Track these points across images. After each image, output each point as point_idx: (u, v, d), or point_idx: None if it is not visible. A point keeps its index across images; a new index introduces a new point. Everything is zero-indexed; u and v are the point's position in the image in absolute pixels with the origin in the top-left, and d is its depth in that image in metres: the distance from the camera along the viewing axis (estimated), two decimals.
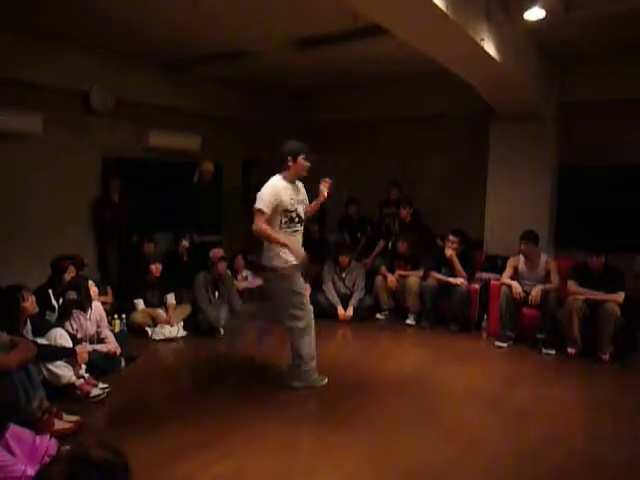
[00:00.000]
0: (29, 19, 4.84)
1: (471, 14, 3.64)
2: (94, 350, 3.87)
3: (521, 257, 5.14)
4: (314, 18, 4.61)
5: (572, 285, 4.76)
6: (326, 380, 3.87)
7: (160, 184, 6.56)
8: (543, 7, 3.72)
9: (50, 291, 4.27)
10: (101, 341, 4.11)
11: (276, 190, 3.63)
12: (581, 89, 5.76)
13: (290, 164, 3.71)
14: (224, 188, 7.14)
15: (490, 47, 4.04)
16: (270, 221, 3.61)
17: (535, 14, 3.81)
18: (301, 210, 3.78)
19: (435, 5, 3.08)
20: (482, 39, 3.87)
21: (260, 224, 3.55)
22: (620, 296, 4.56)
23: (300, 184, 3.89)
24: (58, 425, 2.89)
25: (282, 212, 3.64)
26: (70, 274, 4.42)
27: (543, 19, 3.93)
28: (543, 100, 5.60)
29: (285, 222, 3.67)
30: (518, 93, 5.26)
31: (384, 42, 4.65)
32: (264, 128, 7.51)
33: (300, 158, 3.71)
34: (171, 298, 5.21)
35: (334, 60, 5.93)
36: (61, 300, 4.17)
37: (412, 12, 3.29)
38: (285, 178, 3.74)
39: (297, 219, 3.74)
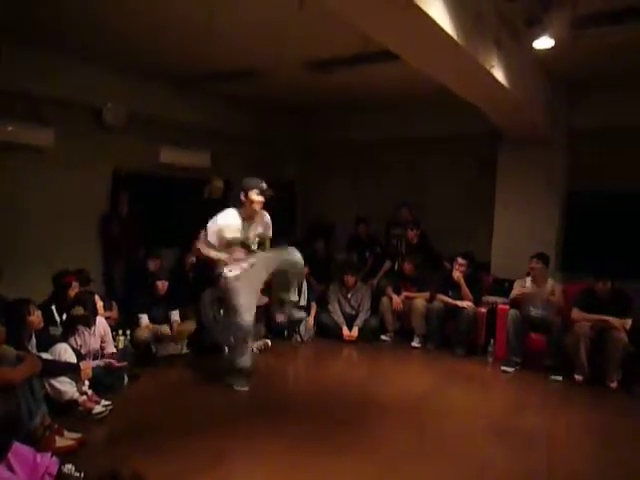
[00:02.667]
0: (45, 35, 4.93)
1: (481, 42, 3.68)
2: (98, 366, 3.86)
3: (527, 280, 5.11)
4: (327, 41, 4.68)
5: (576, 312, 4.73)
6: (246, 389, 3.97)
7: (169, 200, 6.61)
8: (552, 36, 3.75)
9: (53, 307, 4.26)
10: (104, 357, 4.10)
11: (220, 229, 3.83)
12: (589, 115, 5.79)
13: (243, 200, 3.85)
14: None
15: (499, 74, 4.07)
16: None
17: (544, 43, 3.84)
18: (254, 244, 3.96)
19: (447, 33, 3.11)
20: (492, 66, 3.91)
21: (196, 245, 3.83)
22: (627, 322, 4.52)
23: (265, 218, 4.05)
24: (59, 442, 2.87)
25: (227, 244, 3.85)
26: (74, 290, 4.39)
27: (552, 47, 3.96)
28: (551, 125, 5.62)
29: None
30: (526, 118, 5.29)
31: (395, 66, 4.70)
32: (273, 146, 7.57)
33: (251, 193, 3.85)
34: (175, 315, 5.19)
35: (345, 81, 5.99)
36: (65, 315, 4.16)
37: (423, 39, 3.32)
38: (240, 214, 3.93)
39: (247, 249, 3.94)
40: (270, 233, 4.13)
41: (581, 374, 4.59)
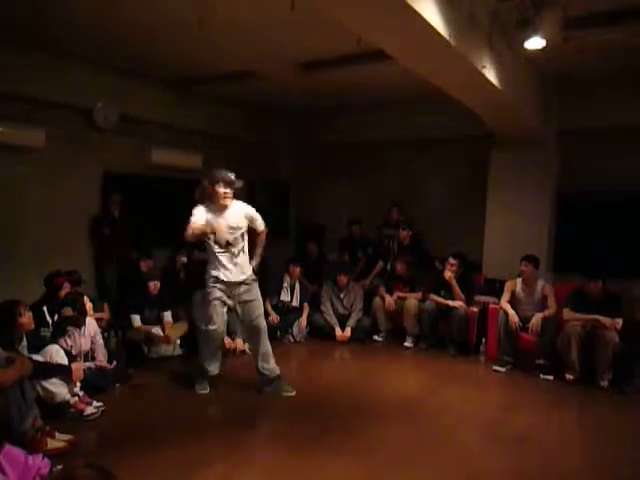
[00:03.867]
0: (35, 36, 4.91)
1: (473, 42, 3.70)
2: (89, 368, 3.83)
3: (518, 281, 5.14)
4: (318, 41, 4.69)
5: (567, 312, 4.76)
6: (206, 391, 3.96)
7: (161, 201, 6.58)
8: (543, 37, 3.78)
9: (44, 308, 4.23)
10: (95, 358, 4.07)
11: (193, 220, 3.83)
12: (580, 116, 5.84)
13: (210, 193, 3.88)
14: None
15: (491, 74, 4.10)
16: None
17: (535, 43, 3.87)
18: (231, 237, 3.90)
19: (439, 33, 3.13)
20: (484, 66, 3.94)
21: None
22: (618, 322, 4.56)
23: (241, 210, 3.98)
24: (51, 444, 2.85)
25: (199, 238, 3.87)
26: (65, 291, 4.36)
27: (543, 48, 4.00)
28: (542, 126, 5.67)
29: (217, 247, 3.91)
30: (518, 119, 5.33)
31: (387, 66, 4.72)
32: (265, 148, 7.57)
33: (217, 186, 3.85)
34: (168, 316, 5.17)
35: (337, 82, 6.01)
36: (56, 316, 4.13)
37: (416, 40, 3.34)
38: (210, 209, 3.90)
39: (226, 244, 3.90)
40: (245, 223, 4.00)
41: (572, 373, 4.62)
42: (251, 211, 4.07)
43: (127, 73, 5.96)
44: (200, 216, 3.87)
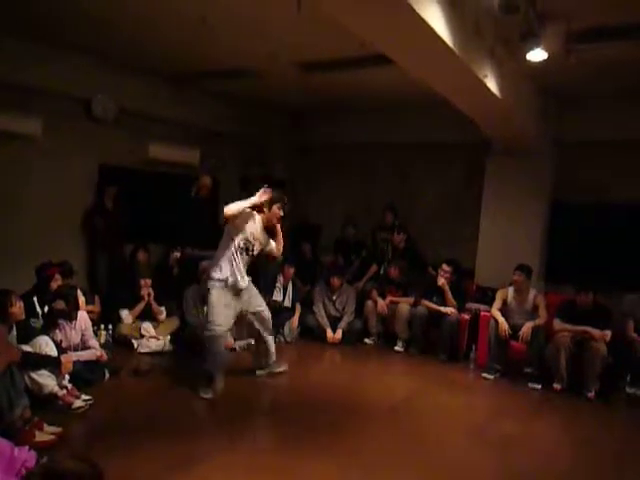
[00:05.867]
0: (37, 26, 4.87)
1: (476, 51, 3.73)
2: (78, 360, 3.80)
3: (510, 290, 5.18)
4: (321, 43, 4.69)
5: (557, 323, 4.80)
6: (210, 395, 3.85)
7: (156, 195, 6.55)
8: (546, 49, 3.81)
9: (35, 298, 4.20)
10: (86, 350, 4.04)
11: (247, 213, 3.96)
12: (577, 128, 5.89)
13: (266, 210, 4.10)
14: (221, 203, 7.13)
15: (492, 83, 4.13)
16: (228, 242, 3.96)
17: (537, 56, 3.90)
18: (258, 245, 4.06)
19: (443, 42, 3.15)
20: (485, 75, 3.96)
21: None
22: (607, 333, 4.60)
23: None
24: (39, 437, 2.82)
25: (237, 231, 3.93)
26: (56, 282, 4.34)
27: (545, 60, 4.03)
28: (540, 137, 5.71)
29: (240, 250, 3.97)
30: (516, 128, 5.37)
31: (388, 71, 4.74)
32: (262, 146, 7.56)
33: (274, 207, 4.04)
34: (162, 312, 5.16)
35: (337, 84, 6.02)
36: (46, 308, 4.10)
37: (420, 46, 3.36)
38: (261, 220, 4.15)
39: (249, 249, 4.01)
40: (266, 242, 4.18)
41: (560, 383, 4.65)
42: (271, 241, 4.21)
43: (127, 66, 5.93)
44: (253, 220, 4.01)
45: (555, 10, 3.62)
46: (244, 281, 4.03)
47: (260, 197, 3.93)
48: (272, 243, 4.18)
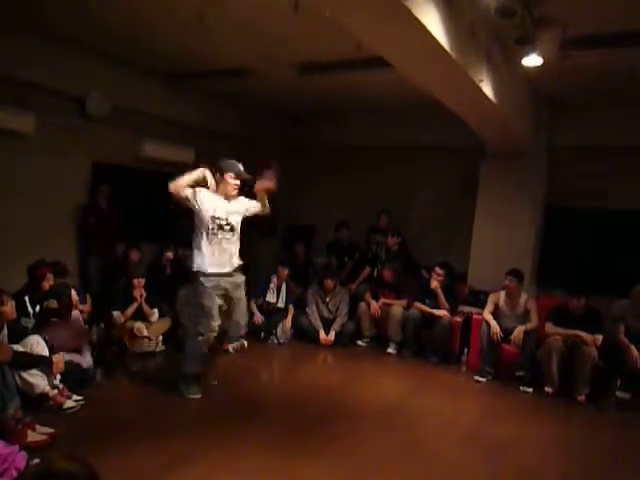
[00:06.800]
0: (31, 20, 4.83)
1: (473, 56, 3.75)
2: (69, 360, 3.76)
3: (502, 294, 5.21)
4: (318, 44, 4.70)
5: (549, 326, 4.84)
6: (199, 396, 3.80)
7: (150, 194, 6.50)
8: (541, 55, 3.84)
9: (26, 298, 4.15)
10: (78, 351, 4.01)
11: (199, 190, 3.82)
12: (570, 133, 5.93)
13: (219, 180, 3.94)
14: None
15: (488, 88, 4.15)
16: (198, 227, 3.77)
17: (533, 61, 3.94)
18: (227, 221, 3.82)
19: (440, 46, 3.16)
20: (481, 80, 3.98)
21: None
22: (598, 338, 4.63)
23: (240, 200, 3.97)
24: (31, 437, 2.80)
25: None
26: (48, 282, 4.29)
27: (540, 66, 4.06)
28: (533, 141, 5.76)
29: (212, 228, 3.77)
30: (510, 133, 5.40)
31: (384, 73, 4.75)
32: (259, 146, 7.53)
33: (227, 176, 3.88)
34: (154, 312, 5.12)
35: (335, 86, 6.03)
36: (38, 307, 4.06)
37: (416, 50, 3.36)
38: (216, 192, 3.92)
39: (220, 226, 3.79)
40: (243, 211, 3.97)
41: (551, 386, 4.68)
42: (252, 202, 4.02)
43: (123, 64, 5.90)
44: (207, 191, 3.83)
45: (551, 16, 3.65)
46: (230, 264, 3.80)
47: (202, 172, 3.86)
48: (253, 203, 3.99)
